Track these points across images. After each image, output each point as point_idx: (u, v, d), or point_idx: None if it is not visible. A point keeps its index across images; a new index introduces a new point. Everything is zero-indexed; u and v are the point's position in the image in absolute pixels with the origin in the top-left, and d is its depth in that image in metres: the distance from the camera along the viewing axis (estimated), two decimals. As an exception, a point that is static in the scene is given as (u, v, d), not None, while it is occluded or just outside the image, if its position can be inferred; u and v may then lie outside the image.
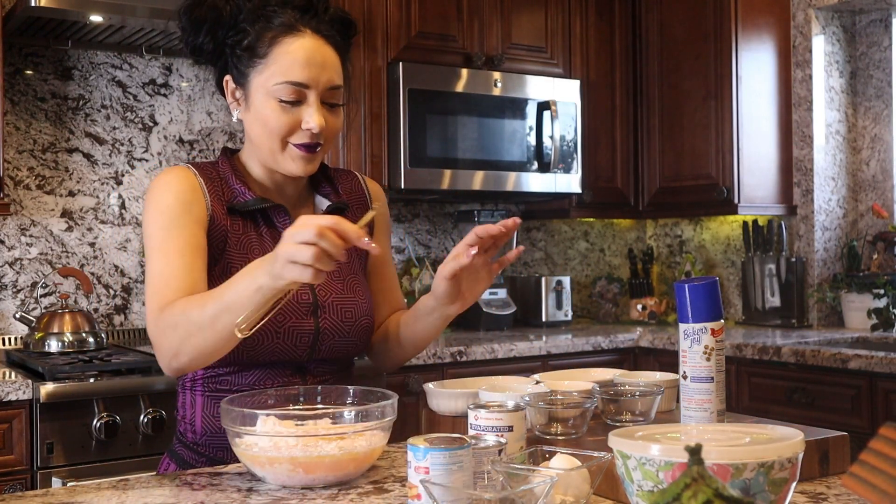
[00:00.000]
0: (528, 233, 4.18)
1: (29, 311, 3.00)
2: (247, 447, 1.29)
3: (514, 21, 3.68)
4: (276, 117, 1.49)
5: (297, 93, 1.48)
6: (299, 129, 1.50)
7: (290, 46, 1.48)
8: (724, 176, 3.67)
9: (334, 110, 1.53)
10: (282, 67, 1.47)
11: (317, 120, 1.48)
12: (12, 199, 3.09)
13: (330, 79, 1.50)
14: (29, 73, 3.14)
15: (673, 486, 0.74)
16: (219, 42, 1.53)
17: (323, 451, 1.27)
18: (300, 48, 1.48)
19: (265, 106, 1.49)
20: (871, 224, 3.80)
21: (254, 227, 1.55)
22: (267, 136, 1.51)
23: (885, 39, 3.79)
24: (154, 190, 1.51)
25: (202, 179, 1.53)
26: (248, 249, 1.52)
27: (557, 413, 1.37)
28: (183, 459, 1.57)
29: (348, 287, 1.60)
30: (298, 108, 1.49)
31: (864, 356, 2.85)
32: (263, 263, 1.29)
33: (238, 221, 1.54)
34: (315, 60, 1.49)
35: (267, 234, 1.56)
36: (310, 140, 1.50)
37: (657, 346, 3.50)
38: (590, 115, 3.87)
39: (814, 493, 1.21)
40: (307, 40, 1.49)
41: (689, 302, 1.33)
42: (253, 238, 1.54)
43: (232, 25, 1.51)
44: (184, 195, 1.49)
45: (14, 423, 2.43)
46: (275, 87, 1.48)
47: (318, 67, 1.49)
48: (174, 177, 1.52)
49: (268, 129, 1.50)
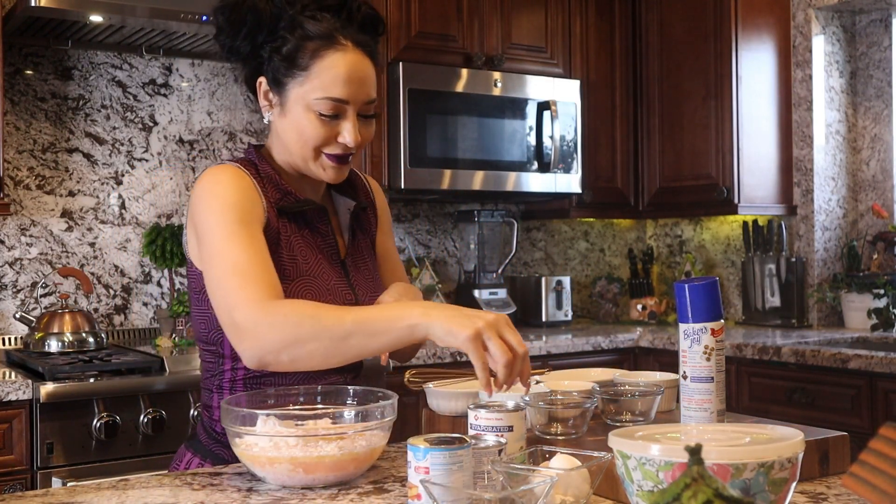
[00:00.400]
0: (528, 233, 4.18)
1: (29, 311, 3.00)
2: (247, 447, 1.29)
3: (514, 21, 3.68)
4: (314, 129, 1.50)
5: (337, 108, 1.49)
6: (334, 142, 1.51)
7: (334, 62, 1.48)
8: (724, 176, 3.67)
9: (368, 121, 1.55)
10: (323, 83, 1.48)
11: (353, 136, 1.50)
12: (12, 199, 3.09)
13: (367, 94, 1.52)
14: (29, 73, 3.14)
15: (673, 486, 0.74)
16: (256, 45, 1.52)
17: (323, 451, 1.27)
18: (343, 64, 1.48)
19: (303, 117, 1.50)
20: (871, 224, 3.80)
21: (297, 228, 1.55)
22: (301, 145, 1.51)
23: (885, 39, 3.79)
24: (215, 185, 1.48)
25: (255, 180, 1.52)
26: (297, 251, 1.52)
27: (557, 413, 1.37)
28: (209, 451, 1.54)
29: (378, 283, 1.63)
30: (336, 121, 1.50)
31: (864, 356, 2.85)
32: (433, 311, 1.28)
33: (285, 222, 1.53)
34: (356, 77, 1.49)
35: (308, 235, 1.56)
36: (343, 152, 1.53)
37: (657, 346, 3.50)
38: (590, 115, 3.87)
39: (814, 493, 1.21)
40: (349, 55, 1.49)
41: (689, 302, 1.33)
42: (298, 239, 1.54)
43: (271, 30, 1.50)
44: (247, 193, 1.48)
45: (14, 423, 2.43)
46: (315, 101, 1.48)
47: (358, 83, 1.50)
48: (233, 175, 1.49)
49: (303, 139, 1.51)
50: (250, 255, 1.41)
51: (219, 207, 1.45)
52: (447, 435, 1.17)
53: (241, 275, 1.39)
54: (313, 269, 1.52)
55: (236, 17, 1.49)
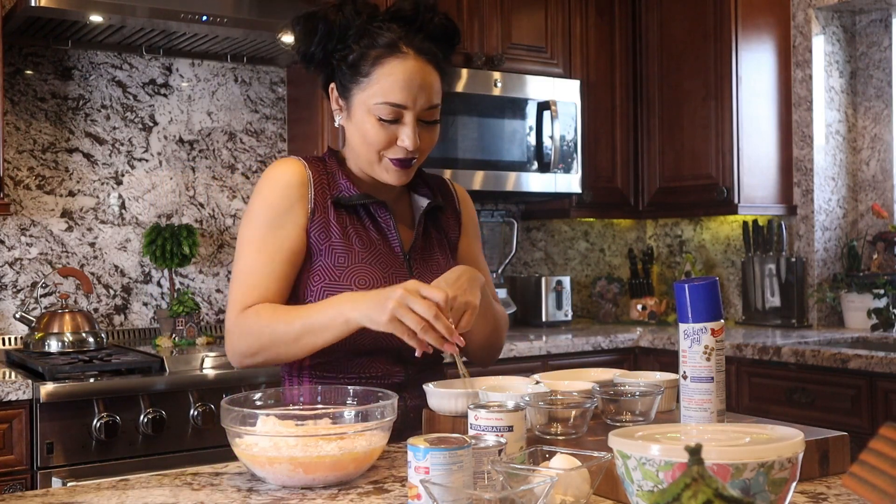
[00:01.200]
0: (528, 233, 4.19)
1: (29, 311, 3.00)
2: (247, 447, 1.29)
3: (514, 21, 3.68)
4: (375, 133, 1.58)
5: (395, 112, 1.57)
6: (395, 145, 1.58)
7: (393, 68, 1.56)
8: (724, 176, 3.67)
9: (430, 126, 1.62)
10: (382, 88, 1.56)
11: (412, 140, 1.57)
12: (12, 199, 3.09)
13: (428, 100, 1.58)
14: (29, 73, 3.14)
15: (673, 486, 0.74)
16: (328, 53, 1.60)
17: (323, 451, 1.27)
18: (401, 71, 1.56)
19: (365, 121, 1.58)
20: (871, 224, 3.81)
21: (357, 220, 1.64)
22: (365, 148, 1.60)
23: (885, 39, 3.79)
24: (264, 182, 1.62)
25: (311, 172, 1.63)
26: (352, 240, 1.61)
27: (557, 413, 1.37)
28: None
29: None
30: (396, 125, 1.58)
31: (864, 356, 2.85)
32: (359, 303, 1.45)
33: (343, 214, 1.63)
34: (414, 83, 1.56)
35: (371, 226, 1.65)
36: (404, 156, 1.59)
37: (657, 346, 3.50)
38: (590, 115, 3.87)
39: (814, 493, 1.21)
40: (409, 63, 1.57)
41: (689, 302, 1.33)
42: (356, 230, 1.63)
43: (341, 39, 1.58)
44: (290, 190, 1.60)
45: (14, 423, 2.43)
46: (375, 106, 1.56)
47: (417, 89, 1.56)
48: (284, 170, 1.62)
49: (366, 142, 1.59)
50: (259, 261, 1.57)
51: (256, 207, 1.60)
52: (447, 435, 1.17)
53: (241, 281, 1.57)
54: (369, 258, 1.61)
55: (310, 26, 1.59)
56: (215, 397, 2.61)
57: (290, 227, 1.59)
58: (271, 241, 1.58)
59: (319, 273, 1.59)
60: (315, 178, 1.63)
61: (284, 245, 1.58)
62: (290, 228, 1.59)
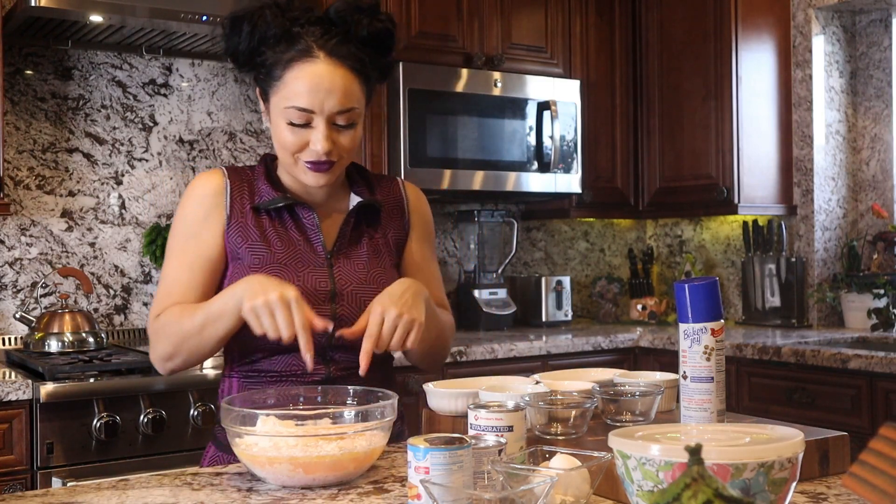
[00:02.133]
0: (528, 233, 4.19)
1: (29, 311, 3.00)
2: (247, 447, 1.29)
3: (514, 21, 3.68)
4: (287, 136, 1.58)
5: (305, 117, 1.56)
6: (308, 149, 1.58)
7: (300, 73, 1.55)
8: (724, 176, 3.67)
9: (346, 130, 1.59)
10: (290, 92, 1.56)
11: (322, 144, 1.56)
12: (12, 199, 3.09)
13: (338, 103, 1.56)
14: (29, 73, 3.14)
15: (673, 486, 0.74)
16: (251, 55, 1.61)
17: (323, 451, 1.27)
18: (309, 75, 1.55)
19: (278, 124, 1.59)
20: (871, 224, 3.80)
21: (279, 222, 1.65)
22: (282, 151, 1.61)
23: (885, 39, 3.79)
24: (184, 195, 1.67)
25: (230, 180, 1.65)
26: (271, 242, 1.62)
27: (557, 413, 1.37)
28: (221, 442, 1.63)
29: (371, 277, 1.64)
30: (307, 129, 1.57)
31: (864, 356, 2.85)
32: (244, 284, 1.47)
33: (263, 218, 1.64)
34: (321, 87, 1.55)
35: (293, 227, 1.65)
36: (317, 159, 1.58)
37: (657, 346, 3.50)
38: (590, 115, 3.87)
39: (814, 493, 1.21)
40: (318, 67, 1.55)
41: (689, 302, 1.33)
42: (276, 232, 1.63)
43: (262, 41, 1.58)
44: (205, 200, 1.63)
45: (14, 423, 2.43)
46: (285, 110, 1.57)
47: (325, 93, 1.55)
48: (200, 182, 1.66)
49: (281, 146, 1.60)
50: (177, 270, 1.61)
51: (176, 220, 1.66)
52: (447, 435, 1.17)
53: (160, 290, 1.63)
54: (286, 258, 1.61)
55: (235, 27, 1.60)
56: (215, 397, 2.61)
57: (206, 235, 1.62)
58: (189, 251, 1.61)
59: (237, 276, 1.58)
60: (233, 186, 1.64)
61: (202, 253, 1.61)
62: (207, 237, 1.62)
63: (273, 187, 1.65)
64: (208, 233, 1.62)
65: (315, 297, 1.57)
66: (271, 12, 1.57)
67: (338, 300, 1.59)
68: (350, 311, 1.59)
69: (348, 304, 1.60)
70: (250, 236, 1.61)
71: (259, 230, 1.62)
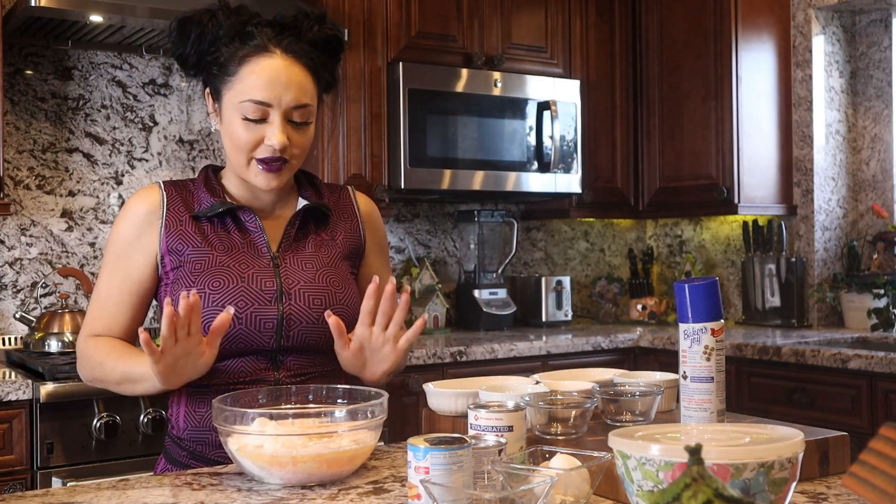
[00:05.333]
0: (528, 233, 4.19)
1: (29, 311, 3.00)
2: (238, 446, 1.30)
3: (514, 21, 3.68)
4: (241, 132, 1.56)
5: (261, 111, 1.55)
6: (262, 145, 1.56)
7: (257, 66, 1.55)
8: (724, 176, 3.67)
9: (301, 128, 1.59)
10: (247, 86, 1.55)
11: (278, 138, 1.55)
12: (12, 199, 3.09)
13: (295, 98, 1.56)
14: (29, 73, 3.14)
15: (673, 486, 0.74)
16: (201, 56, 1.60)
17: (314, 449, 1.27)
18: (265, 68, 1.55)
19: (232, 121, 1.57)
20: (871, 224, 3.81)
21: (222, 228, 1.63)
22: (234, 151, 1.59)
23: (885, 39, 3.79)
24: (119, 214, 1.66)
25: (167, 194, 1.64)
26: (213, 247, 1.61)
27: (557, 413, 1.37)
28: (170, 454, 1.62)
29: (320, 277, 1.63)
30: (263, 125, 1.56)
31: (864, 356, 2.85)
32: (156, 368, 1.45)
33: (204, 225, 1.62)
34: (279, 80, 1.55)
35: (236, 231, 1.64)
36: (271, 155, 1.56)
37: (657, 346, 3.50)
38: (590, 115, 3.87)
39: (814, 493, 1.21)
40: (276, 61, 1.56)
41: (689, 302, 1.33)
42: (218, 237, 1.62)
43: (212, 42, 1.58)
44: (137, 219, 1.62)
45: (14, 423, 2.43)
46: (240, 105, 1.55)
47: (282, 87, 1.55)
48: (135, 201, 1.64)
49: (235, 144, 1.58)
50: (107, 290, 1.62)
51: (110, 239, 1.65)
52: (447, 435, 1.17)
53: (90, 308, 1.64)
54: (229, 261, 1.59)
55: (183, 30, 1.59)
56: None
57: (137, 255, 1.61)
58: (120, 271, 1.62)
59: (178, 283, 1.58)
60: (169, 200, 1.63)
61: (131, 275, 1.62)
62: (138, 258, 1.61)
63: (212, 195, 1.63)
64: (139, 254, 1.61)
65: (261, 298, 1.56)
66: (223, 13, 1.58)
67: (285, 299, 1.57)
68: (298, 309, 1.58)
69: (296, 303, 1.58)
70: (191, 242, 1.60)
71: (200, 236, 1.60)
